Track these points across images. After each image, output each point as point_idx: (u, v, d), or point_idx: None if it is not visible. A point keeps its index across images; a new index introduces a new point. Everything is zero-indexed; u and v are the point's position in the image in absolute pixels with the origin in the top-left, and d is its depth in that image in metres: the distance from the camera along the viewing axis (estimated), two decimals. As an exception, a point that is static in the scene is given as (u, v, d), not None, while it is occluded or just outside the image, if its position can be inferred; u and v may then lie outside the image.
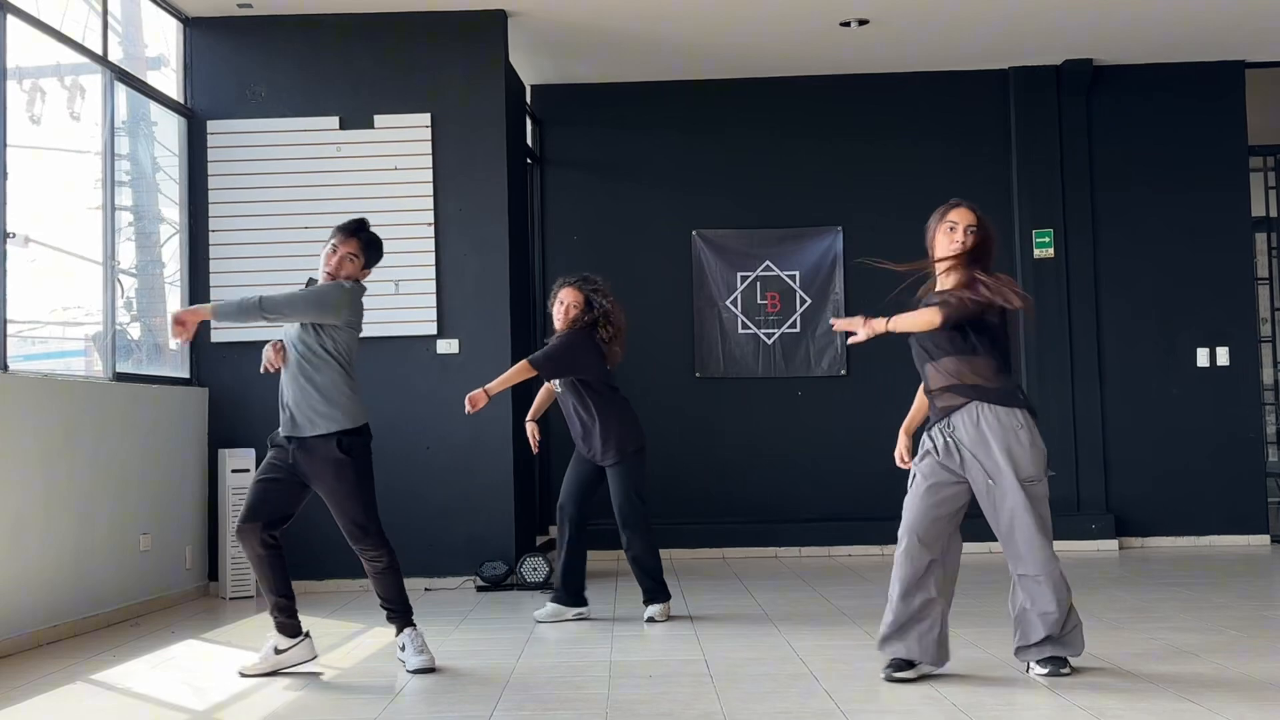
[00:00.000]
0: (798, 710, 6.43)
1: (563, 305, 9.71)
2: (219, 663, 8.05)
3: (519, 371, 9.51)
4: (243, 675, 7.54)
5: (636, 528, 9.53)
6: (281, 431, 7.61)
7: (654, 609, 9.50)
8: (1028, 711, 6.33)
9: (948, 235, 7.30)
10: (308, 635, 7.69)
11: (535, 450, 10.36)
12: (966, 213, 7.35)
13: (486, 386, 9.22)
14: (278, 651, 7.59)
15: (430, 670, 7.58)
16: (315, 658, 7.71)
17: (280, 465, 7.61)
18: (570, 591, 9.65)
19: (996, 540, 7.05)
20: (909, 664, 6.98)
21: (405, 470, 11.63)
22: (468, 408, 9.16)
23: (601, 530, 10.34)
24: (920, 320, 7.08)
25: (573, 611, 9.59)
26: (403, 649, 7.69)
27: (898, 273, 7.48)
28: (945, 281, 7.26)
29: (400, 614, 7.73)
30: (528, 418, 10.06)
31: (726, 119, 14.48)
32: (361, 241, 7.82)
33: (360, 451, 7.60)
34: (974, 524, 7.20)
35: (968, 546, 7.23)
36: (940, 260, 7.30)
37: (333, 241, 7.84)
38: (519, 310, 12.37)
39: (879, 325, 7.11)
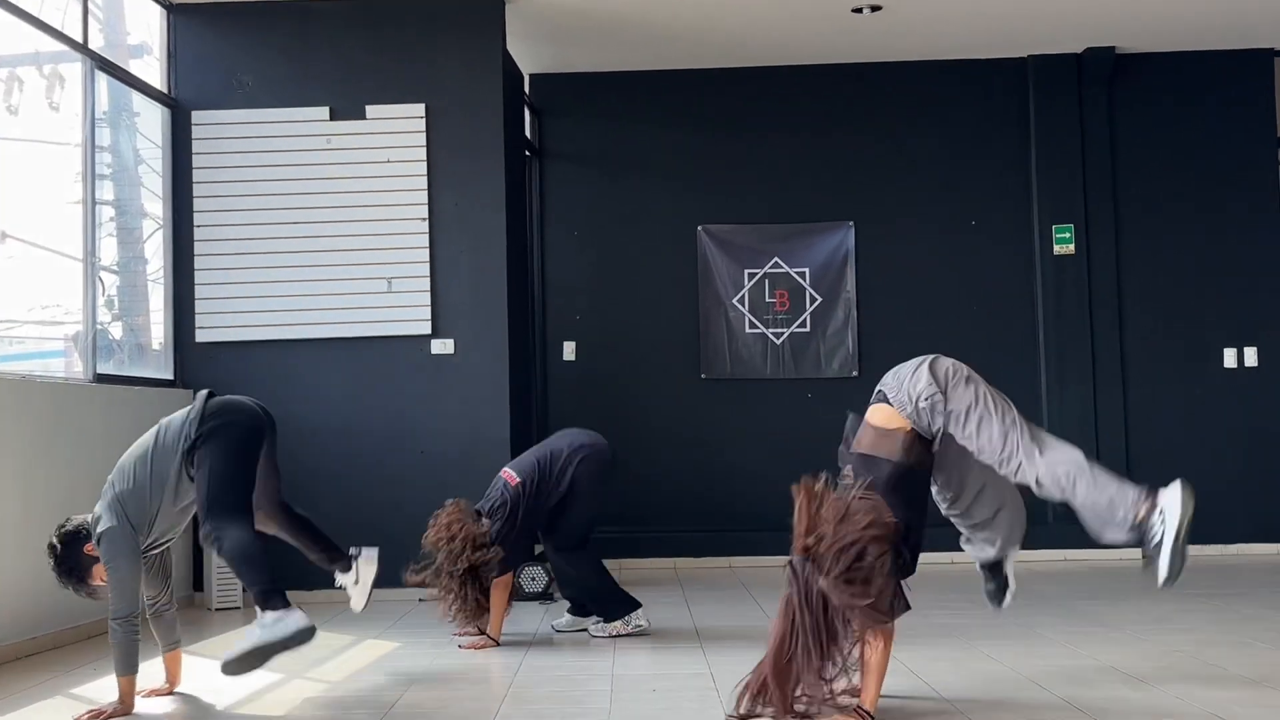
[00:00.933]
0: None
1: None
2: (204, 677, 7.90)
3: (502, 589, 9.14)
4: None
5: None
6: None
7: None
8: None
9: None
10: (352, 557, 8.23)
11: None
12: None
13: (489, 632, 9.03)
14: (356, 583, 8.08)
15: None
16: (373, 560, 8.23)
17: None
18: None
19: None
20: None
21: (398, 474, 11.72)
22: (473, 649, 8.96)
23: (611, 539, 10.35)
24: (880, 663, 6.27)
25: (591, 620, 9.57)
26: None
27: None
28: None
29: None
30: (494, 635, 9.12)
31: (733, 109, 14.50)
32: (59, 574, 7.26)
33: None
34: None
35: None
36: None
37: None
38: (517, 309, 12.38)
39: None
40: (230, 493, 7.28)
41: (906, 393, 6.56)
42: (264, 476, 7.65)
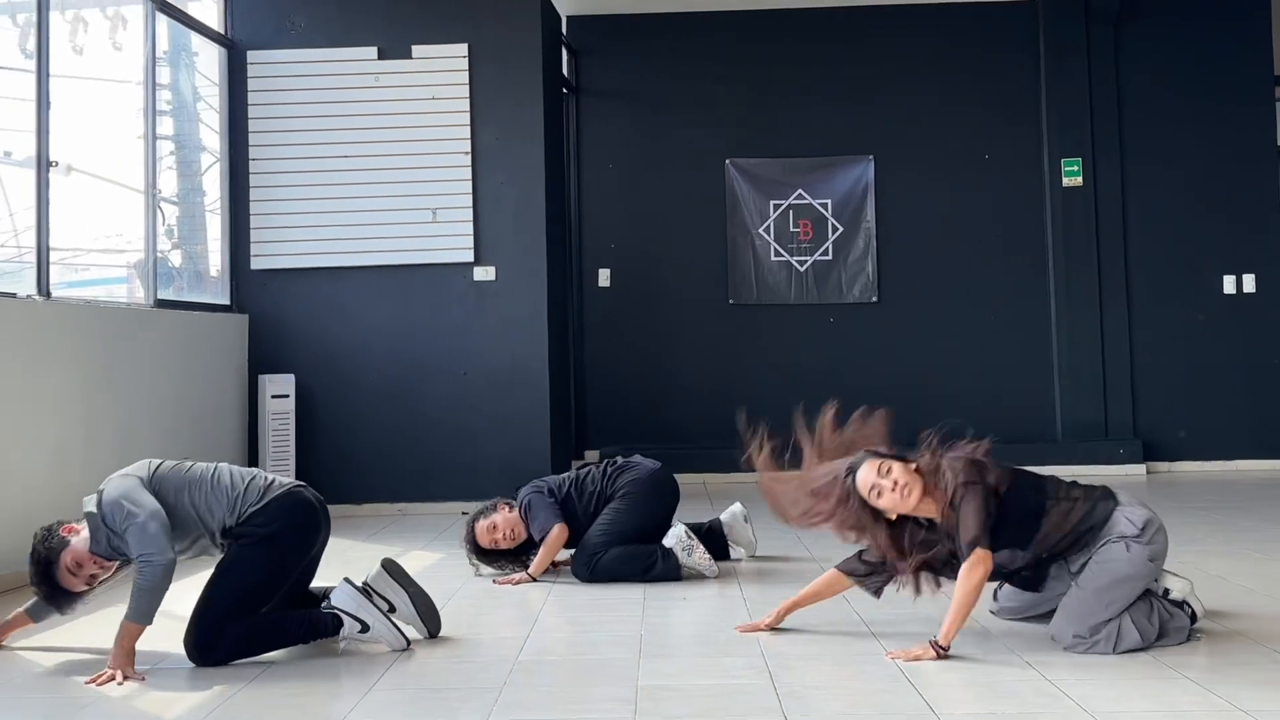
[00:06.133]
0: (821, 622, 6.40)
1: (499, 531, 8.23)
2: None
3: (559, 533, 8.13)
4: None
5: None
6: None
7: None
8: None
9: (889, 496, 5.91)
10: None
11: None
12: (873, 468, 5.98)
13: (530, 570, 8.07)
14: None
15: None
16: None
17: None
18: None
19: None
20: None
21: (443, 395, 11.63)
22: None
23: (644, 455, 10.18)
24: (965, 595, 5.74)
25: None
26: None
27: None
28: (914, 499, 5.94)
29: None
30: (533, 573, 8.13)
31: (760, 49, 14.33)
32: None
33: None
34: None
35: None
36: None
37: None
38: (555, 238, 12.24)
39: (932, 651, 5.78)
40: (242, 608, 6.04)
41: None
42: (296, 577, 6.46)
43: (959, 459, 5.90)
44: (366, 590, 6.33)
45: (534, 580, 8.03)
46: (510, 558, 8.21)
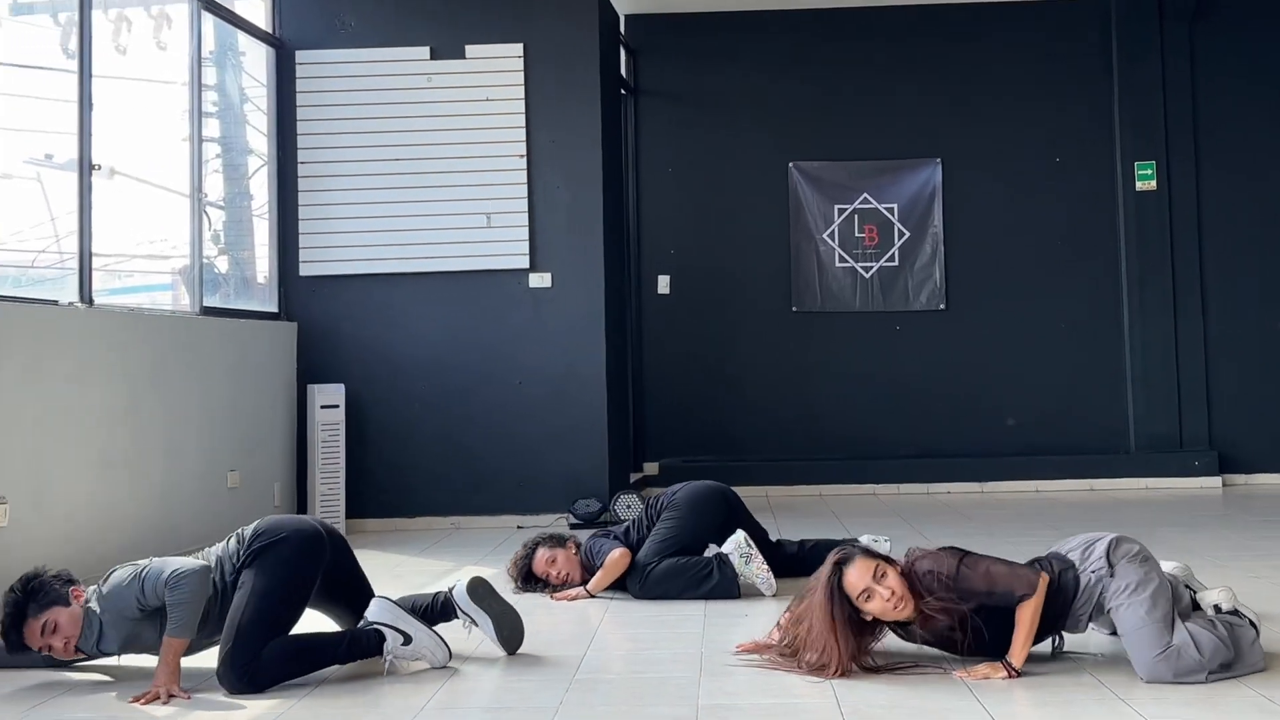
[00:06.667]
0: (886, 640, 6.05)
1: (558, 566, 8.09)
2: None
3: (621, 558, 7.97)
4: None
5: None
6: None
7: None
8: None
9: (880, 603, 5.64)
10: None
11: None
12: (867, 570, 5.66)
13: (589, 587, 7.93)
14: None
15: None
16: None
17: None
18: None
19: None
20: None
21: (497, 406, 11.48)
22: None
23: (705, 468, 10.00)
24: (1031, 617, 5.61)
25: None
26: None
27: None
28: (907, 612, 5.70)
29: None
30: (591, 590, 7.99)
31: (824, 49, 14.17)
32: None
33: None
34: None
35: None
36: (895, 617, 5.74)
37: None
38: (613, 244, 12.03)
39: (1004, 670, 5.63)
40: (272, 626, 5.85)
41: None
42: (336, 604, 6.39)
43: (932, 557, 5.74)
44: (437, 605, 6.42)
45: (591, 597, 7.88)
46: (545, 589, 8.04)
